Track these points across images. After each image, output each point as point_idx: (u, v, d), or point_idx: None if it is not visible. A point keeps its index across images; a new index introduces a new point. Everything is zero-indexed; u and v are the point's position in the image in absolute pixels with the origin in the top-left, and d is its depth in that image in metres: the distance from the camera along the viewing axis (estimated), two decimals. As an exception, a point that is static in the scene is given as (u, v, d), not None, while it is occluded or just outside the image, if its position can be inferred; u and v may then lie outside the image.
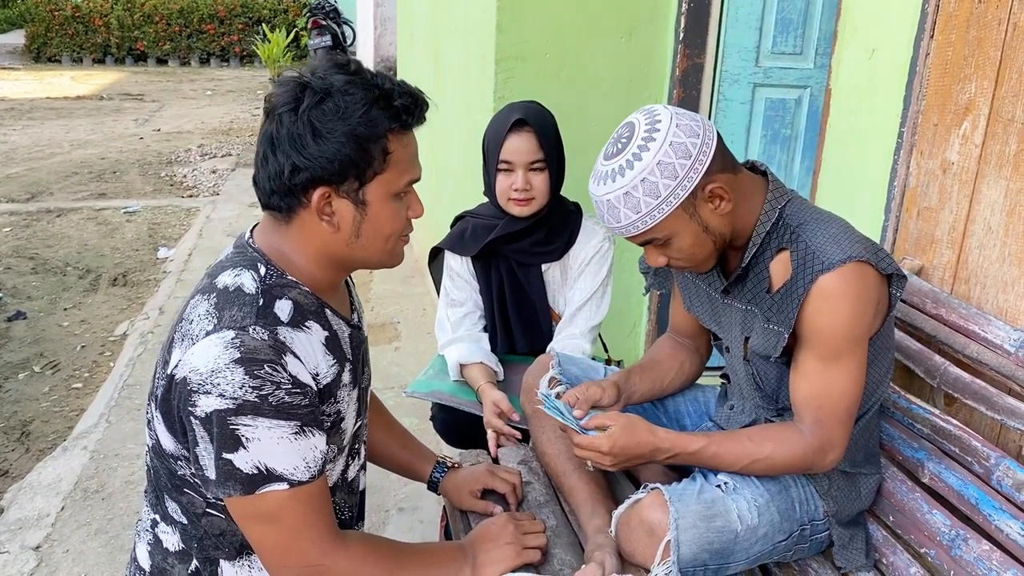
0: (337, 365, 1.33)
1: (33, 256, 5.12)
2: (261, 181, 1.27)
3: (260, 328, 1.20)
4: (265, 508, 1.21)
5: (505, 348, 2.27)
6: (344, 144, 1.21)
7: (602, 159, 1.45)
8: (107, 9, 13.78)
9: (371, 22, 9.00)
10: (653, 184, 1.38)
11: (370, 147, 1.23)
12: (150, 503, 1.40)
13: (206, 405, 1.17)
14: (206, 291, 1.27)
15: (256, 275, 1.27)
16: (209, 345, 1.18)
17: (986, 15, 1.70)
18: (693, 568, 1.44)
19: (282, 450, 1.19)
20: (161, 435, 1.28)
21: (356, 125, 1.21)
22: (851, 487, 1.61)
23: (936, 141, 1.85)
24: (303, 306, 1.29)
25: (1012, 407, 1.52)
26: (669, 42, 2.94)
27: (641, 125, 1.42)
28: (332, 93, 1.21)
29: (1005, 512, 1.45)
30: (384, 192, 1.27)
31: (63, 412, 3.42)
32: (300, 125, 1.21)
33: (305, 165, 1.21)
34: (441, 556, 1.43)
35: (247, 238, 1.34)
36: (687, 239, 1.45)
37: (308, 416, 1.22)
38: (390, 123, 1.24)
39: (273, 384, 1.17)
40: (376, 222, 1.29)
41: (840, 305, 1.40)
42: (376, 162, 1.24)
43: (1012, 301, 1.66)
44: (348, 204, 1.26)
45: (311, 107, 1.21)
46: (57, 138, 8.38)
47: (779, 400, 1.60)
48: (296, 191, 1.24)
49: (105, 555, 2.45)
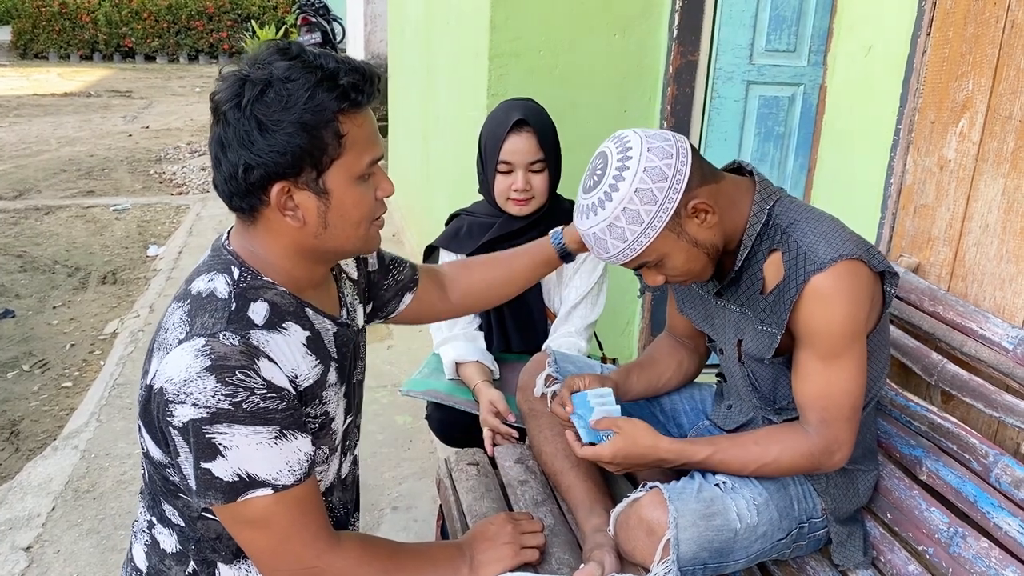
0: (321, 365, 1.30)
1: (21, 254, 5.08)
2: (219, 184, 1.22)
3: (231, 334, 1.17)
4: (251, 514, 1.19)
5: (501, 347, 2.26)
6: (293, 134, 1.15)
7: (581, 193, 1.45)
8: (95, 5, 13.70)
9: (361, 19, 8.95)
10: (634, 212, 1.38)
11: (321, 133, 1.16)
12: (146, 505, 1.38)
13: (182, 415, 1.14)
14: (181, 298, 1.24)
15: (230, 279, 1.24)
16: (181, 354, 1.15)
17: (984, 12, 1.70)
18: (693, 567, 1.44)
19: (262, 456, 1.17)
20: (148, 445, 1.27)
21: (302, 112, 1.14)
22: (849, 484, 1.61)
23: (933, 138, 1.85)
24: (280, 307, 1.26)
25: (1010, 404, 1.52)
26: (663, 39, 2.93)
27: (613, 155, 1.41)
28: (272, 82, 1.15)
29: (1004, 509, 1.45)
30: (345, 177, 1.21)
31: (53, 411, 3.39)
32: (245, 121, 1.15)
33: (257, 162, 1.16)
34: (438, 556, 1.41)
35: (224, 240, 1.30)
36: (679, 257, 1.45)
37: (287, 420, 1.19)
38: (339, 104, 1.17)
39: (246, 390, 1.15)
40: (342, 209, 1.23)
41: (835, 304, 1.39)
42: (331, 147, 1.18)
43: (1009, 298, 1.66)
44: (309, 195, 1.20)
45: (253, 100, 1.15)
46: (45, 135, 8.32)
47: (776, 400, 1.60)
48: (254, 190, 1.19)
49: (97, 555, 2.42)
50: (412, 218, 5.18)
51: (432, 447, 2.97)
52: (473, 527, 1.53)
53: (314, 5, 11.54)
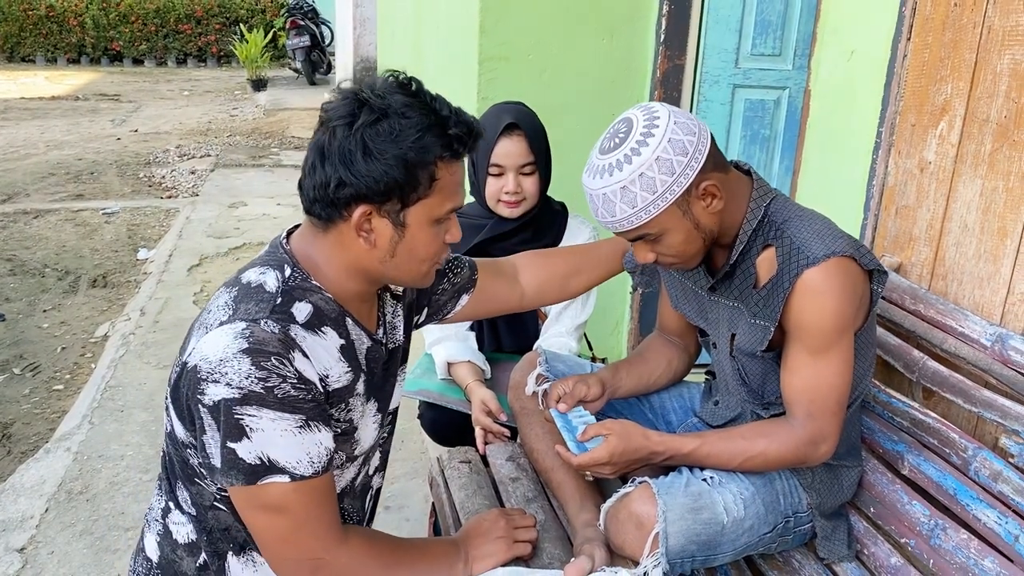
0: (352, 373, 1.33)
1: (10, 258, 5.08)
2: (306, 188, 1.27)
3: (272, 323, 1.21)
4: (268, 499, 1.23)
5: (492, 347, 2.29)
6: (393, 166, 1.21)
7: (598, 152, 1.46)
8: (82, 8, 13.64)
9: (350, 22, 8.98)
10: (651, 179, 1.40)
11: (418, 172, 1.23)
12: (163, 490, 1.41)
13: (214, 394, 1.18)
14: (230, 284, 1.29)
15: (280, 275, 1.28)
16: (221, 335, 1.20)
17: (961, 18, 1.75)
18: (681, 559, 1.47)
19: (285, 443, 1.20)
20: (174, 423, 1.30)
21: (408, 150, 1.21)
22: (833, 480, 1.65)
23: (914, 141, 1.89)
24: (322, 312, 1.30)
25: (988, 400, 1.56)
26: (650, 43, 2.97)
27: (640, 121, 1.44)
28: (389, 114, 1.21)
29: (982, 502, 1.49)
30: (425, 217, 1.27)
31: (44, 414, 3.40)
32: (352, 141, 1.21)
33: (351, 181, 1.21)
34: (435, 551, 1.45)
35: (282, 239, 1.35)
36: (679, 235, 1.48)
37: (313, 412, 1.23)
38: (442, 151, 1.23)
39: (279, 377, 1.19)
40: (413, 244, 1.29)
41: (825, 299, 1.43)
42: (422, 187, 1.24)
43: (988, 296, 1.71)
44: (388, 224, 1.26)
45: (366, 125, 1.20)
46: (32, 139, 8.29)
47: (764, 395, 1.64)
48: (339, 204, 1.24)
49: (91, 556, 2.44)
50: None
51: (423, 447, 2.99)
52: (467, 523, 1.56)
53: (303, 8, 11.56)
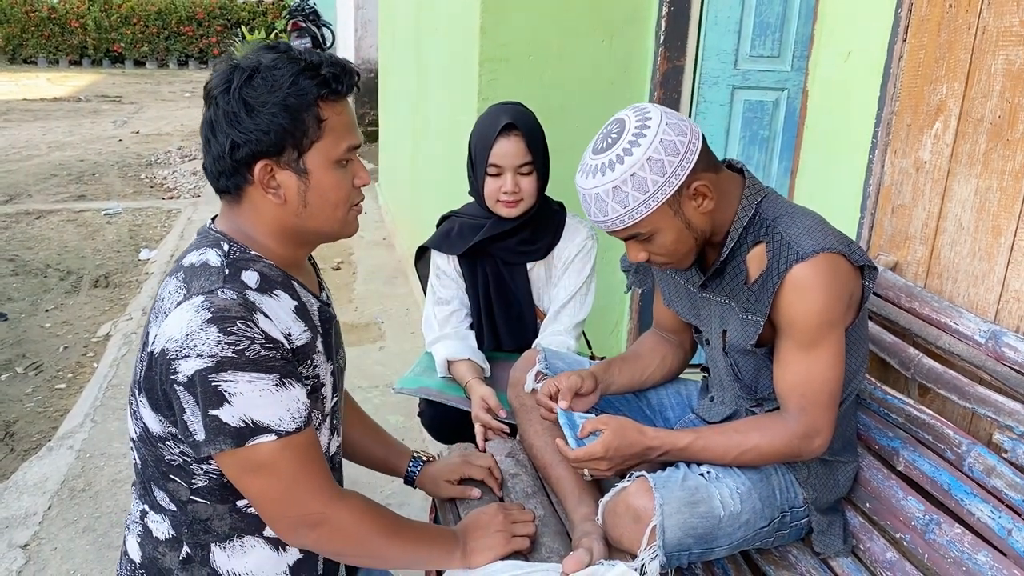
0: (309, 332, 1.36)
1: (13, 258, 5.10)
2: (208, 166, 1.33)
3: (228, 290, 1.25)
4: (258, 460, 1.25)
5: (491, 345, 2.30)
6: (277, 115, 1.26)
7: (591, 153, 1.49)
8: (84, 10, 13.69)
9: (351, 25, 8.99)
10: (642, 179, 1.42)
11: (303, 116, 1.27)
12: (138, 495, 1.42)
13: (187, 368, 1.20)
14: (173, 272, 1.32)
15: (220, 251, 1.32)
16: (181, 313, 1.22)
17: (956, 19, 1.76)
18: (678, 552, 1.49)
19: (265, 402, 1.22)
20: (147, 419, 1.31)
21: (286, 95, 1.26)
22: (829, 475, 1.66)
23: (909, 141, 1.91)
24: (269, 277, 1.33)
25: (983, 396, 1.58)
26: (650, 44, 2.99)
27: (632, 121, 1.46)
28: (260, 69, 1.27)
29: (976, 496, 1.51)
30: (324, 159, 1.31)
31: (47, 412, 3.42)
32: (233, 103, 1.26)
33: (243, 140, 1.26)
34: (435, 536, 1.48)
35: (209, 225, 1.39)
36: (670, 235, 1.50)
37: (285, 369, 1.26)
38: (319, 91, 1.28)
39: (247, 339, 1.21)
40: (321, 190, 1.32)
41: (813, 294, 1.45)
42: (311, 130, 1.28)
43: (982, 294, 1.72)
44: (290, 174, 1.30)
45: (242, 84, 1.26)
46: (34, 140, 8.32)
47: (758, 391, 1.65)
48: (240, 168, 1.29)
49: (93, 552, 2.46)
50: (402, 221, 5.22)
51: (424, 445, 3.00)
52: (466, 516, 1.58)
53: (304, 11, 11.57)
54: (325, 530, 1.31)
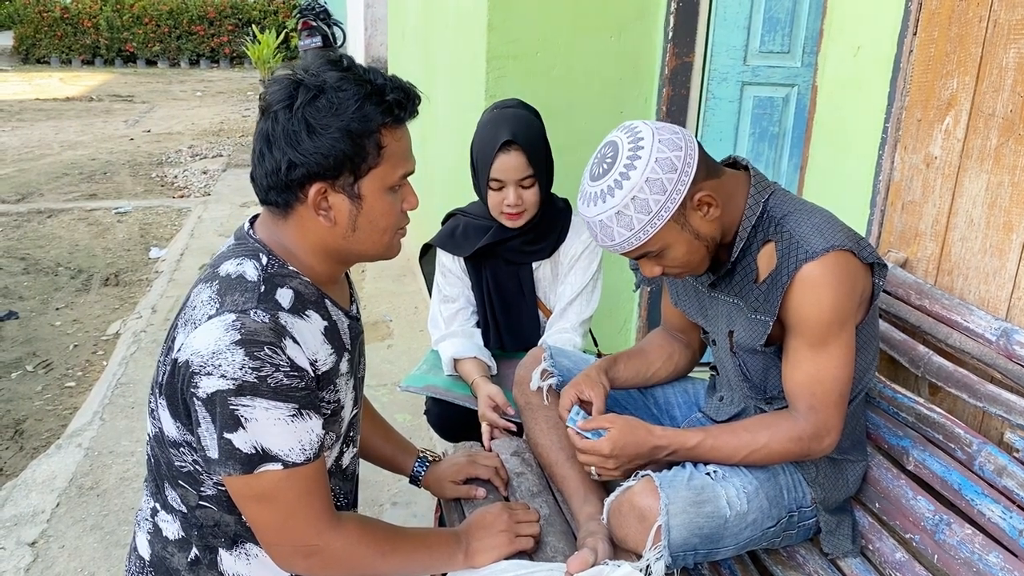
0: (335, 355, 1.35)
1: (24, 256, 5.12)
2: (258, 178, 1.30)
3: (261, 311, 1.23)
4: (261, 488, 1.24)
5: (497, 344, 2.29)
6: (338, 139, 1.23)
7: (588, 180, 1.47)
8: (96, 10, 13.76)
9: (362, 23, 9.00)
10: (643, 201, 1.41)
11: (364, 142, 1.25)
12: (150, 492, 1.42)
13: (208, 386, 1.19)
14: (209, 279, 1.30)
15: (258, 264, 1.30)
16: (211, 328, 1.21)
17: (967, 12, 1.74)
18: (684, 552, 1.47)
19: (278, 431, 1.22)
20: (165, 422, 1.31)
21: (350, 121, 1.23)
22: (838, 474, 1.65)
23: (920, 136, 1.88)
24: (304, 296, 1.32)
25: (994, 394, 1.56)
26: (658, 41, 2.97)
27: (624, 144, 1.44)
28: (325, 90, 1.24)
29: (987, 496, 1.49)
30: (379, 186, 1.30)
31: (56, 411, 3.43)
32: (295, 122, 1.23)
33: (301, 161, 1.24)
34: (434, 541, 1.46)
35: (247, 230, 1.36)
36: (681, 248, 1.48)
37: (305, 399, 1.25)
38: (383, 118, 1.26)
39: (272, 366, 1.20)
40: (372, 215, 1.31)
41: (823, 292, 1.43)
42: (370, 156, 1.27)
43: (993, 291, 1.70)
44: (344, 198, 1.28)
45: (305, 104, 1.23)
46: (47, 139, 8.37)
47: (767, 390, 1.63)
48: (292, 187, 1.27)
49: (101, 550, 2.46)
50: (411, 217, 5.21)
51: (431, 444, 3.00)
52: (470, 516, 1.57)
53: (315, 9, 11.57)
54: (317, 560, 1.31)
